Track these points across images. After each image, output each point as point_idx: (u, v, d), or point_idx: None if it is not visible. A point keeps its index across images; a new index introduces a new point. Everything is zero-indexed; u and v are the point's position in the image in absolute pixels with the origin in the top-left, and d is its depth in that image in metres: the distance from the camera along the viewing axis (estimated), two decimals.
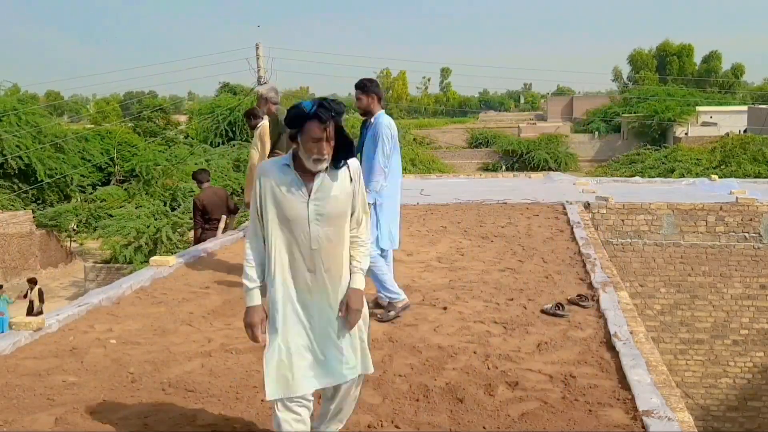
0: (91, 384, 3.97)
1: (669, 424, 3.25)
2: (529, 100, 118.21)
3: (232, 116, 31.43)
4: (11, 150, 24.91)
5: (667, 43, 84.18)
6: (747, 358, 10.36)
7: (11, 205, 24.09)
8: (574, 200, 10.42)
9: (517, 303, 5.46)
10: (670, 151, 30.36)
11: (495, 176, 19.46)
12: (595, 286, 5.76)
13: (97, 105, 76.05)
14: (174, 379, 4.02)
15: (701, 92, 63.11)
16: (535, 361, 4.23)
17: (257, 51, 21.17)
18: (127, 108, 68.44)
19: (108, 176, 29.33)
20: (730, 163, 26.34)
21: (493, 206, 10.34)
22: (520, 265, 6.73)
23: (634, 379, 3.77)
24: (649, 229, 10.23)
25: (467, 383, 3.90)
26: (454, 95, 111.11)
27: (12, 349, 4.48)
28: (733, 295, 10.25)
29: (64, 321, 5.03)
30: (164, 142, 32.12)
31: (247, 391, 3.84)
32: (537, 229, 8.50)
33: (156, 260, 6.95)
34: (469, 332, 4.79)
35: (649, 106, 50.20)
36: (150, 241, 18.82)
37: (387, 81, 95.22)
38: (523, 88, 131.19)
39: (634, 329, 4.61)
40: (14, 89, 34.05)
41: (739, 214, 10.09)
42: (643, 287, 10.32)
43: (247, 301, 2.88)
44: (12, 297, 17.04)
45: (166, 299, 5.72)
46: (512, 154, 49.76)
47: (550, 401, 3.64)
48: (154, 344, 4.63)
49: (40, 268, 22.76)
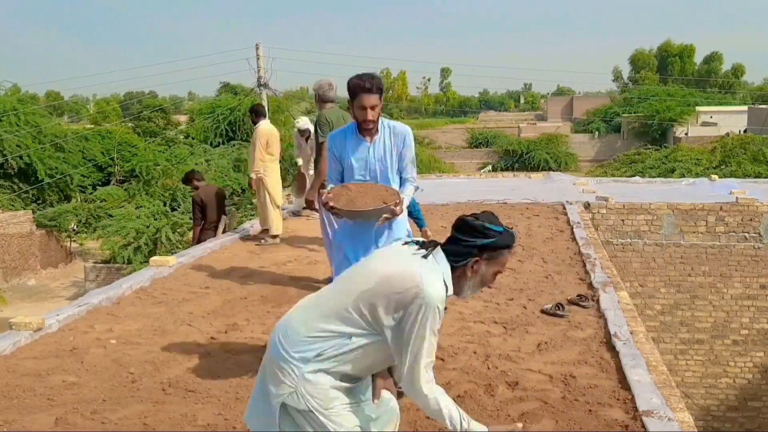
0: (91, 384, 3.97)
1: (669, 424, 3.25)
2: (529, 100, 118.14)
3: (233, 116, 31.42)
4: (11, 150, 24.91)
5: (669, 44, 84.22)
6: (747, 358, 10.36)
7: (11, 205, 24.08)
8: (574, 200, 10.41)
9: (517, 303, 5.46)
10: (671, 151, 30.34)
11: (495, 176, 19.45)
12: (595, 286, 5.76)
13: (97, 105, 76.05)
14: (174, 379, 4.02)
15: (701, 92, 63.14)
16: (535, 361, 4.23)
17: (257, 51, 21.18)
18: (127, 108, 68.44)
19: (108, 176, 29.33)
20: (730, 163, 26.31)
21: (492, 206, 10.33)
22: (520, 265, 6.73)
23: (634, 379, 3.77)
24: (649, 229, 10.23)
25: (467, 383, 3.90)
26: (454, 95, 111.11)
27: (12, 349, 4.48)
28: (733, 295, 10.25)
29: (64, 321, 5.03)
30: (164, 142, 32.10)
31: (247, 391, 3.83)
32: (537, 229, 8.50)
33: (156, 260, 6.95)
34: (469, 332, 4.79)
35: (649, 106, 50.23)
36: (150, 242, 18.82)
37: (387, 81, 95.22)
38: (523, 88, 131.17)
39: (634, 329, 4.61)
40: (14, 89, 34.04)
41: (739, 214, 10.09)
42: (643, 287, 10.32)
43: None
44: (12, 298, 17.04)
45: (166, 299, 5.72)
46: (512, 154, 49.78)
47: (550, 401, 3.64)
48: (154, 344, 4.63)
49: (40, 268, 22.76)
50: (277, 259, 7.16)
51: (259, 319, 5.17)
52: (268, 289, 6.02)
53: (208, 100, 45.52)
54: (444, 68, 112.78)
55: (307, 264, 6.91)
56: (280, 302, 5.60)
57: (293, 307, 2.47)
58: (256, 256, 7.37)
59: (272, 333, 2.42)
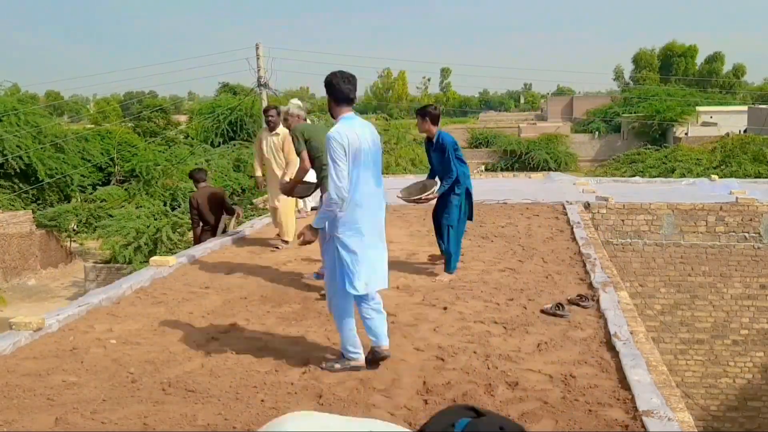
0: (91, 384, 3.98)
1: (669, 424, 3.25)
2: (529, 101, 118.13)
3: (233, 116, 31.44)
4: (11, 150, 24.91)
5: (673, 44, 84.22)
6: (747, 358, 10.36)
7: (11, 205, 24.08)
8: (574, 200, 10.42)
9: (517, 303, 5.46)
10: (671, 151, 30.34)
11: (495, 176, 19.46)
12: (595, 286, 5.77)
13: (97, 105, 76.03)
14: (174, 379, 4.02)
15: (702, 92, 63.13)
16: (535, 361, 4.23)
17: (257, 51, 21.19)
18: (127, 108, 68.46)
19: (108, 176, 29.34)
20: (730, 163, 26.31)
21: (493, 206, 10.34)
22: (520, 265, 6.73)
23: (634, 379, 3.77)
24: (649, 229, 10.23)
25: (467, 383, 3.90)
26: (454, 95, 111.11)
27: (12, 349, 4.48)
28: (733, 295, 10.25)
29: (64, 321, 5.04)
30: (164, 142, 32.12)
31: (247, 391, 3.84)
32: (537, 229, 8.50)
33: (156, 260, 6.96)
34: (469, 332, 4.79)
35: (649, 106, 50.21)
36: (150, 241, 18.83)
37: (387, 81, 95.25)
38: (523, 88, 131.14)
39: (634, 329, 4.61)
40: (14, 89, 34.02)
41: (739, 214, 10.09)
42: (643, 287, 10.32)
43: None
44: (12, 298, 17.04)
45: (166, 299, 5.72)
46: (512, 154, 49.78)
47: (550, 401, 3.64)
48: (154, 344, 4.64)
49: (40, 268, 22.76)
50: (277, 259, 7.17)
51: (259, 319, 5.17)
52: (268, 289, 6.03)
53: (208, 100, 45.54)
54: (444, 68, 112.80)
55: (307, 264, 6.91)
56: (280, 302, 5.60)
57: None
58: (256, 256, 7.37)
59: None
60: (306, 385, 3.92)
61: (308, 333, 4.85)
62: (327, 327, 4.89)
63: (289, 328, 4.96)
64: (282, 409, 3.59)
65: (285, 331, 4.89)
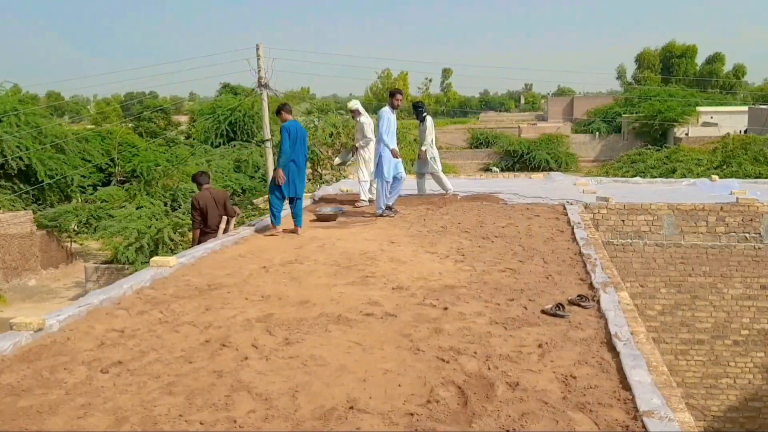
0: (92, 384, 3.98)
1: (669, 425, 3.24)
2: (529, 101, 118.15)
3: (233, 116, 31.44)
4: (12, 150, 24.92)
5: (673, 45, 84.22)
6: (747, 358, 10.35)
7: (12, 206, 24.10)
8: (575, 200, 10.41)
9: (518, 303, 5.45)
10: (671, 152, 30.37)
11: (495, 176, 19.44)
12: (595, 286, 5.76)
13: (97, 105, 76.12)
14: (175, 380, 4.02)
15: (702, 93, 63.14)
16: (536, 361, 4.23)
17: (257, 51, 21.17)
18: (127, 108, 68.51)
19: (108, 177, 29.37)
20: (730, 163, 26.32)
21: (493, 206, 10.34)
22: (520, 265, 6.73)
23: (635, 379, 3.77)
24: (650, 229, 10.23)
25: (467, 383, 3.90)
26: (454, 96, 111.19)
27: (12, 349, 4.48)
28: (733, 295, 10.25)
29: (65, 321, 5.03)
30: (165, 142, 32.15)
31: (247, 391, 3.84)
32: (537, 230, 8.50)
33: (156, 261, 6.95)
34: (470, 332, 4.79)
35: (650, 106, 50.24)
36: (151, 242, 18.86)
37: (388, 81, 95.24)
38: (524, 88, 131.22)
39: (635, 330, 4.61)
40: (15, 90, 34.04)
41: (739, 214, 10.09)
42: (644, 288, 10.32)
43: None
44: (12, 298, 17.05)
45: (166, 299, 5.72)
46: (513, 154, 49.80)
47: (550, 402, 3.64)
48: (155, 344, 4.63)
49: (40, 269, 22.78)
50: (278, 259, 7.17)
51: (259, 320, 5.17)
52: (268, 289, 6.03)
53: (208, 101, 45.53)
54: (445, 69, 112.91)
55: (307, 264, 6.91)
56: (280, 302, 5.60)
57: None
58: (257, 257, 7.37)
59: None
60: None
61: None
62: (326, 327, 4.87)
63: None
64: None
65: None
